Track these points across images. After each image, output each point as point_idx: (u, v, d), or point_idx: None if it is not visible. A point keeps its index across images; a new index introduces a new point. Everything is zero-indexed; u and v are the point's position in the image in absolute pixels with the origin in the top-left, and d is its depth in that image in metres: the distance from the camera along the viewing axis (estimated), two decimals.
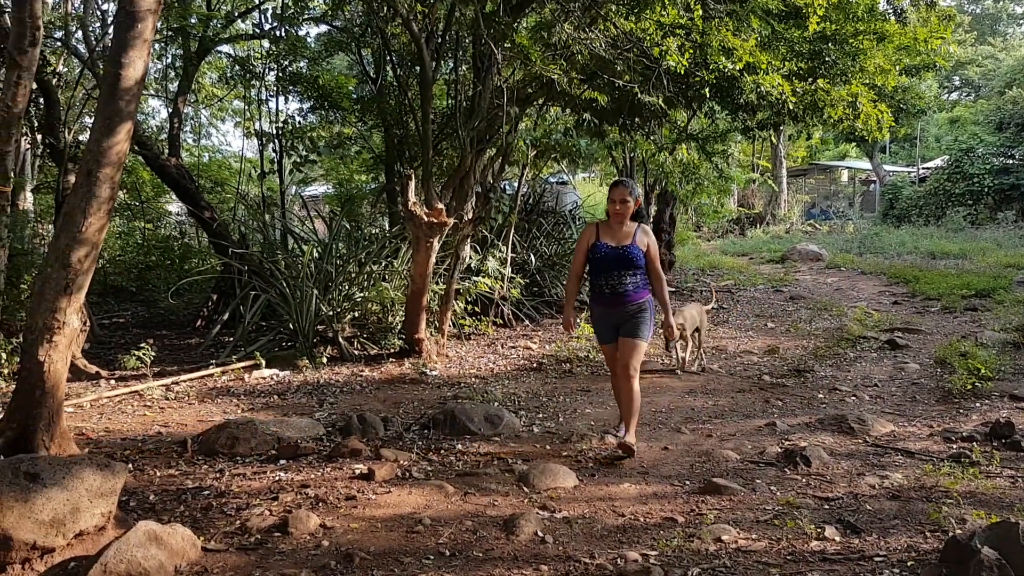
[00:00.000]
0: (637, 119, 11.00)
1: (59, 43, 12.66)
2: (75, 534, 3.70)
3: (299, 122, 13.60)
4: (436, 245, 8.23)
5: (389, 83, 11.62)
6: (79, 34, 12.41)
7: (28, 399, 4.82)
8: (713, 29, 7.67)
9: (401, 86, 10.95)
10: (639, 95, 8.87)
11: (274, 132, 12.95)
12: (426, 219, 7.81)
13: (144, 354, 7.04)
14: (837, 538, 3.80)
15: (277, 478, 4.79)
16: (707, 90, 8.41)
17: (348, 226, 10.84)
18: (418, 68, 9.44)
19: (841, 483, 4.63)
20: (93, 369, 7.59)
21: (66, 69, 13.04)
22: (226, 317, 9.73)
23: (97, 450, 5.29)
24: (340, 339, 8.75)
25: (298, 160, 13.43)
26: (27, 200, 14.27)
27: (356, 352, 8.74)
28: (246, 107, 15.69)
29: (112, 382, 7.42)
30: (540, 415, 6.24)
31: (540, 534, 3.87)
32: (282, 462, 5.11)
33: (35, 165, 17.46)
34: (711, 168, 13.92)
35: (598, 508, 4.27)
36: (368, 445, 5.37)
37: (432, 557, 3.64)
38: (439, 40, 9.10)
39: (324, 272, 9.34)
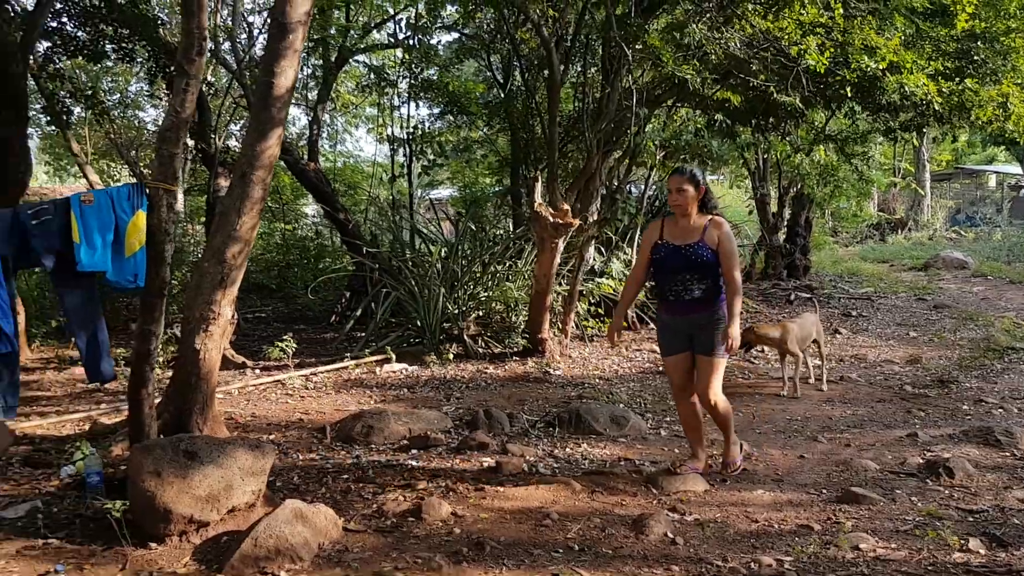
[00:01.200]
0: (772, 119, 10.72)
1: (208, 54, 13.52)
2: (228, 510, 3.94)
3: (428, 127, 14.01)
4: (561, 246, 8.28)
5: (516, 87, 11.78)
6: (226, 45, 13.23)
7: (185, 384, 5.15)
8: (856, 27, 7.38)
9: (529, 90, 11.08)
10: (774, 95, 8.65)
11: (405, 137, 13.38)
12: (551, 220, 7.86)
13: (286, 346, 7.42)
14: (982, 551, 3.59)
15: (409, 467, 4.95)
16: (848, 89, 8.07)
17: (474, 227, 11.04)
18: (546, 72, 9.52)
19: (987, 496, 4.37)
20: (240, 359, 8.08)
21: (214, 79, 13.86)
22: (359, 313, 10.12)
23: (245, 434, 5.62)
24: (465, 337, 8.94)
25: (426, 164, 13.83)
26: (179, 201, 15.24)
27: (480, 350, 8.90)
28: (379, 114, 16.26)
29: (257, 371, 7.86)
30: (668, 419, 6.16)
31: (670, 535, 3.83)
32: (413, 452, 5.28)
33: (185, 168, 18.73)
34: (850, 170, 13.36)
35: (730, 513, 4.19)
36: (495, 440, 5.48)
37: (561, 551, 3.67)
38: (568, 44, 9.15)
39: (450, 272, 9.57)
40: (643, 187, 11.73)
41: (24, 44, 7.73)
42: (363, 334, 9.43)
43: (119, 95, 18.96)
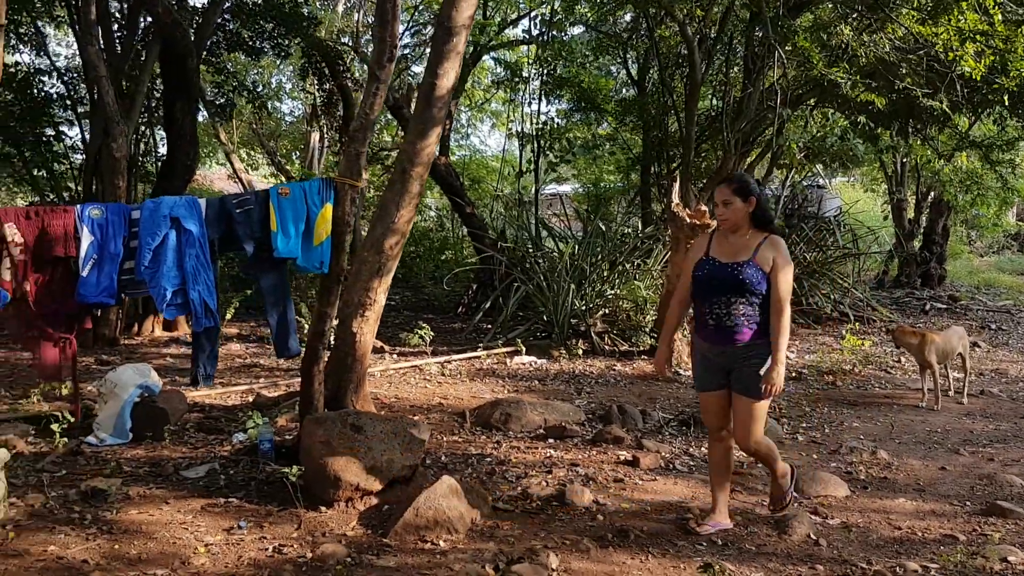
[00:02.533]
0: (915, 123, 10.37)
1: (348, 47, 14.16)
2: (388, 481, 4.25)
3: (558, 124, 14.20)
4: None
5: (652, 85, 11.81)
6: (364, 43, 13.81)
7: (341, 364, 5.51)
8: (1020, 35, 7.08)
9: (666, 87, 11.09)
10: (920, 98, 8.40)
11: (534, 133, 13.62)
12: (688, 220, 7.89)
13: (424, 334, 7.77)
14: None
15: (548, 455, 5.15)
16: (1004, 97, 7.75)
17: (602, 226, 11.16)
18: (685, 70, 9.54)
19: None
20: (379, 344, 8.50)
21: (359, 75, 14.47)
22: (487, 306, 10.43)
23: (391, 414, 5.96)
24: (592, 334, 9.09)
25: (554, 160, 14.03)
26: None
27: (606, 347, 9.02)
28: (508, 109, 16.59)
29: (394, 356, 8.27)
30: (804, 424, 6.13)
31: (813, 536, 3.87)
32: (550, 441, 5.47)
33: (321, 161, 19.65)
34: (995, 178, 12.72)
35: (872, 519, 4.18)
36: (629, 435, 5.60)
37: (704, 544, 3.78)
38: (710, 42, 9.14)
39: (579, 268, 9.73)
40: (780, 189, 11.54)
41: (199, 39, 8.38)
42: (490, 326, 9.72)
43: (263, 88, 20.04)
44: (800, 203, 12.70)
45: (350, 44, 14.23)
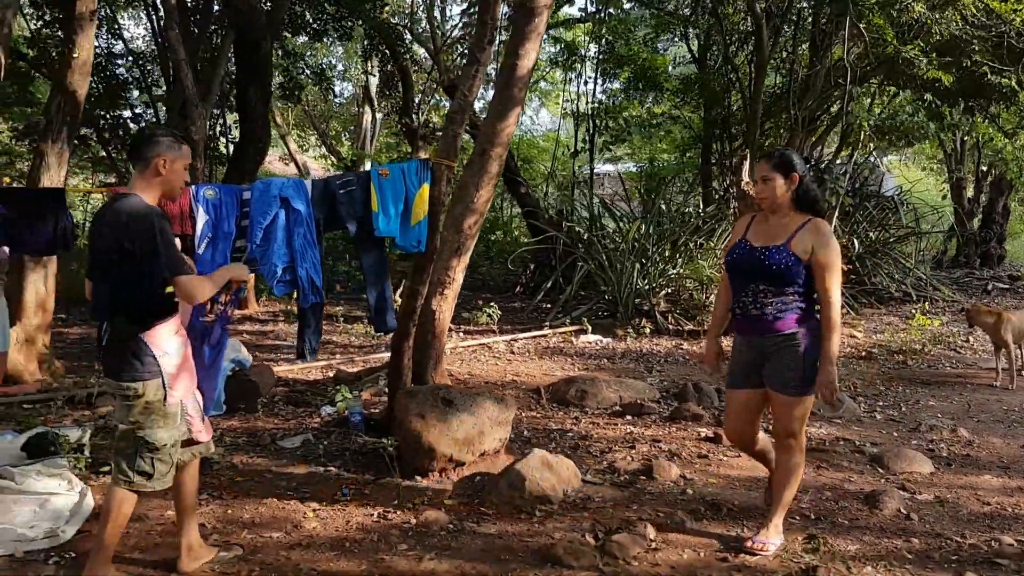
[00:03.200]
0: (981, 100, 10.17)
1: (403, 28, 14.27)
2: (479, 453, 4.38)
3: (614, 102, 14.15)
4: None
5: (713, 62, 11.72)
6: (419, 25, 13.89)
7: (422, 341, 5.62)
8: None
9: (730, 64, 10.99)
10: (989, 75, 8.25)
11: (589, 112, 13.61)
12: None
13: (492, 312, 7.90)
14: None
15: (628, 430, 5.24)
16: None
17: (664, 205, 11.16)
18: (748, 47, 9.46)
19: None
20: None
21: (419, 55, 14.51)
22: (548, 285, 10.53)
23: (467, 389, 6.10)
24: (656, 312, 9.14)
25: (608, 140, 14.01)
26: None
27: (670, 327, 9.06)
28: (563, 88, 16.57)
29: (460, 334, 8.41)
30: (880, 403, 6.13)
31: (903, 511, 3.91)
32: (628, 417, 5.56)
33: (372, 142, 19.83)
34: None
35: (960, 495, 4.20)
36: (706, 412, 5.67)
37: (798, 518, 3.84)
38: (777, 19, 9.05)
39: (641, 247, 9.76)
40: (844, 167, 11.41)
41: (271, 24, 8.55)
42: (550, 305, 9.82)
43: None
44: (862, 181, 12.52)
45: (406, 25, 14.35)
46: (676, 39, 13.25)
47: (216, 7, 8.77)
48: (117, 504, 2.90)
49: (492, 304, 8.21)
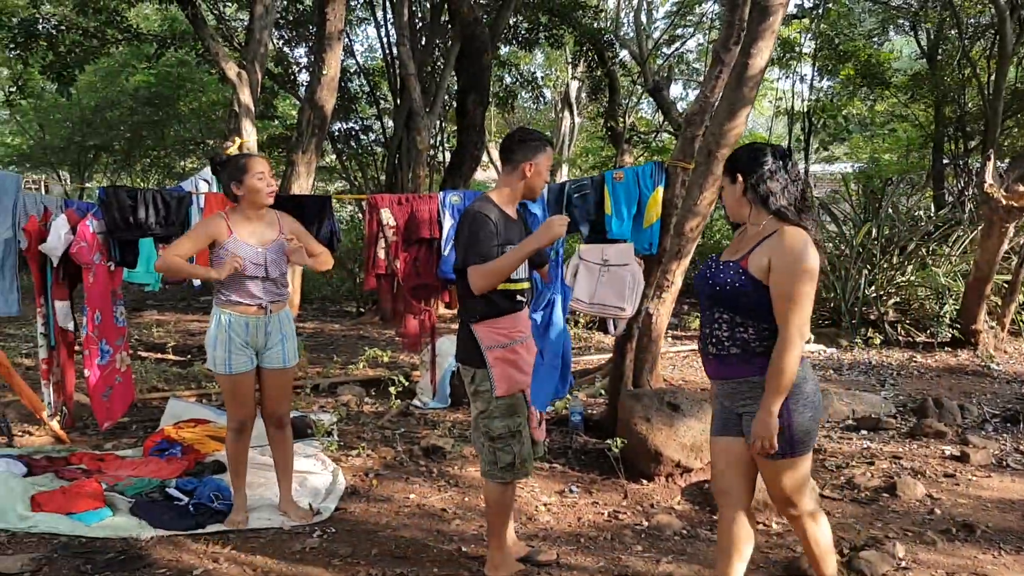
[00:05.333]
0: None
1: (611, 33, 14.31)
2: (707, 461, 4.29)
3: (833, 99, 13.42)
4: (1011, 231, 7.52)
5: (946, 57, 10.83)
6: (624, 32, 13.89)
7: (639, 344, 5.62)
8: None
9: (968, 59, 10.10)
10: None
11: (805, 110, 12.99)
12: (1004, 202, 7.18)
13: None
14: None
15: (865, 446, 4.93)
16: None
17: (892, 210, 10.41)
18: (987, 40, 8.65)
19: None
20: None
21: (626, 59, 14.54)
22: None
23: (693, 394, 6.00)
24: (885, 322, 8.54)
25: (826, 138, 13.30)
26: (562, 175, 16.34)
27: (900, 337, 8.44)
28: (778, 85, 15.95)
29: (670, 339, 8.30)
30: None
31: None
32: (863, 432, 5.24)
33: (570, 147, 20.03)
34: None
35: None
36: (949, 429, 5.23)
37: None
38: (1023, 11, 8.22)
39: (868, 252, 9.16)
40: None
41: (492, 35, 8.89)
42: None
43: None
44: None
45: (612, 30, 14.40)
46: (897, 33, 12.34)
47: (444, 20, 9.23)
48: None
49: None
